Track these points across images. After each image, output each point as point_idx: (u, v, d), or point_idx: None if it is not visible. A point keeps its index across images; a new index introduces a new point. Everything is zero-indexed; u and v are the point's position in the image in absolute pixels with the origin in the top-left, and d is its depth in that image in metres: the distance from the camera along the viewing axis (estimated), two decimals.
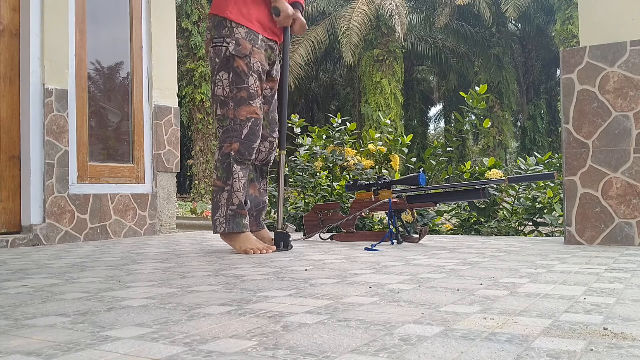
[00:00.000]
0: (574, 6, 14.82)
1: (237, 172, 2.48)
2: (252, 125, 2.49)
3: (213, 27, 2.54)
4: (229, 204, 2.47)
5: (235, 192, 2.47)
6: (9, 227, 3.14)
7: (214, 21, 2.54)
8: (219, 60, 2.50)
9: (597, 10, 2.63)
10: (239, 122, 2.48)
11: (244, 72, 2.48)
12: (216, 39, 2.51)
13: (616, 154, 2.53)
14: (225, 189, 2.48)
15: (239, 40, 2.49)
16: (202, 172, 15.50)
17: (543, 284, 1.48)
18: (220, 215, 2.47)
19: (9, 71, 3.17)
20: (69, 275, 1.81)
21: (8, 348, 0.91)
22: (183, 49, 14.86)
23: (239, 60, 2.48)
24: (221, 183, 2.49)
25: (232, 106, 2.49)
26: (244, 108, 2.48)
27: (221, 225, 2.47)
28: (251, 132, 2.49)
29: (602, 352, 0.84)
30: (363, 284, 1.51)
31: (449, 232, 3.92)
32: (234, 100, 2.49)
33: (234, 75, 2.48)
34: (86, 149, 3.48)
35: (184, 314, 1.16)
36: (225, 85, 2.50)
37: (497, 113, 18.23)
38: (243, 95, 2.48)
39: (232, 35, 2.49)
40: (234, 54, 2.48)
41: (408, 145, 4.29)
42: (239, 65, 2.48)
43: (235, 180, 2.48)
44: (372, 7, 16.73)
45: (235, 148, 2.47)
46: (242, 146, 2.48)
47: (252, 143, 2.51)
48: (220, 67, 2.50)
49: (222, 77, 2.51)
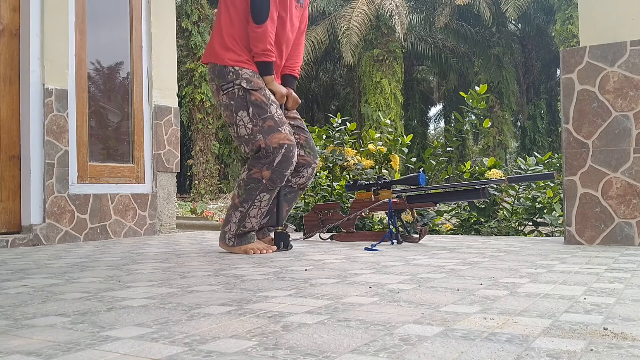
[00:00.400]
0: (574, 6, 14.82)
1: (260, 200, 2.42)
2: (286, 152, 2.40)
3: (215, 76, 2.47)
4: (239, 225, 2.44)
5: (250, 218, 2.43)
6: (9, 227, 3.14)
7: (215, 70, 2.47)
8: (235, 102, 2.42)
9: (597, 10, 2.63)
10: (272, 150, 2.39)
11: (264, 102, 2.41)
12: (224, 85, 2.44)
13: (616, 154, 2.53)
14: (239, 210, 2.44)
15: (249, 78, 2.43)
16: (202, 172, 15.49)
17: (543, 284, 1.48)
18: (230, 230, 2.46)
19: (9, 71, 3.17)
20: (69, 275, 1.81)
21: (8, 348, 0.91)
22: (183, 49, 14.85)
23: (255, 93, 2.41)
24: (238, 202, 2.44)
25: (261, 138, 2.39)
26: (274, 136, 2.39)
27: (230, 240, 2.46)
28: (284, 160, 2.40)
29: (602, 352, 0.84)
30: (363, 284, 1.51)
31: (449, 232, 3.92)
32: (261, 132, 2.39)
33: (254, 109, 2.40)
34: (86, 149, 3.48)
35: (184, 314, 1.16)
36: (247, 123, 2.41)
37: (497, 113, 18.23)
38: (270, 124, 2.40)
39: (239, 77, 2.42)
40: (248, 89, 2.41)
41: (408, 145, 4.29)
42: (257, 98, 2.41)
43: (254, 207, 2.42)
44: (372, 7, 16.73)
45: (266, 176, 2.40)
46: (274, 174, 2.40)
47: (285, 170, 2.42)
48: (238, 108, 2.42)
49: (242, 116, 2.41)
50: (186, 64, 14.93)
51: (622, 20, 2.57)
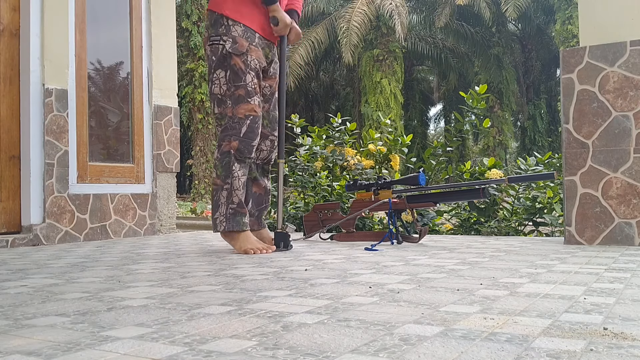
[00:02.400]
0: (574, 6, 14.82)
1: (236, 170, 2.47)
2: (251, 123, 2.48)
3: (210, 24, 2.54)
4: (228, 202, 2.46)
5: (235, 191, 2.47)
6: (9, 227, 3.14)
7: (211, 18, 2.54)
8: (216, 59, 2.49)
9: (597, 10, 2.63)
10: (238, 120, 2.47)
11: (241, 69, 2.47)
12: (213, 36, 2.50)
13: (616, 154, 2.53)
14: (224, 188, 2.47)
15: (236, 38, 2.48)
16: (202, 172, 15.49)
17: (543, 284, 1.48)
18: (220, 214, 2.47)
19: (9, 71, 3.17)
20: (69, 275, 1.81)
21: (8, 348, 0.91)
22: (183, 49, 14.85)
23: (236, 58, 2.47)
24: (221, 182, 2.48)
25: (230, 104, 2.48)
26: (242, 106, 2.47)
27: (221, 224, 2.46)
28: (250, 130, 2.48)
29: (602, 352, 0.84)
30: (363, 284, 1.51)
31: (449, 232, 3.92)
32: (231, 98, 2.48)
33: (231, 74, 2.47)
34: (86, 149, 3.48)
35: (184, 314, 1.16)
36: (222, 84, 2.49)
37: (497, 113, 18.23)
38: (241, 93, 2.47)
39: (228, 33, 2.48)
40: (230, 52, 2.47)
41: (408, 145, 4.29)
42: (235, 63, 2.47)
43: (235, 178, 2.47)
44: (372, 7, 16.73)
45: (234, 146, 2.46)
46: (241, 144, 2.47)
47: (252, 141, 2.49)
48: (217, 65, 2.49)
49: (219, 75, 2.50)
50: (186, 64, 14.93)
51: (622, 21, 2.57)
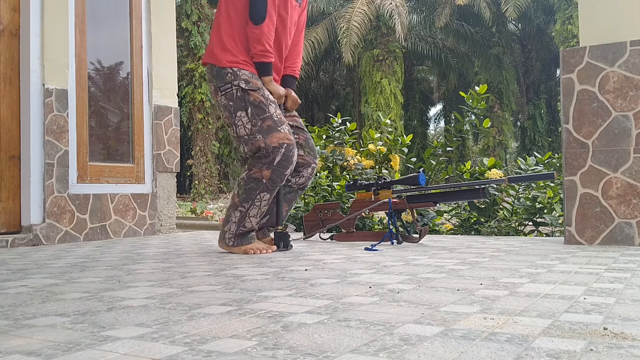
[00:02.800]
0: (574, 6, 14.82)
1: (261, 200, 2.41)
2: (285, 152, 2.39)
3: (213, 77, 2.46)
4: (239, 225, 2.43)
5: (250, 217, 2.43)
6: (9, 227, 3.14)
7: (213, 71, 2.47)
8: (233, 103, 2.41)
9: (597, 10, 2.63)
10: (272, 150, 2.38)
11: (263, 102, 2.41)
12: (223, 86, 2.43)
13: (616, 154, 2.53)
14: (239, 209, 2.43)
15: (247, 78, 2.42)
16: (202, 172, 15.48)
17: (543, 284, 1.48)
18: (229, 230, 2.45)
19: (9, 71, 3.17)
20: (69, 275, 1.81)
21: (8, 348, 0.91)
22: (183, 49, 14.85)
23: (254, 93, 2.40)
24: (238, 202, 2.43)
25: (260, 137, 2.38)
26: (274, 135, 2.38)
27: (230, 240, 2.45)
28: (284, 159, 2.39)
29: (602, 352, 0.84)
30: (363, 284, 1.51)
31: (449, 232, 3.92)
32: (260, 132, 2.39)
33: (252, 109, 2.39)
34: (86, 149, 3.48)
35: (184, 314, 1.16)
36: (246, 123, 2.40)
37: (497, 113, 18.23)
38: (269, 124, 2.39)
39: (237, 77, 2.42)
40: (247, 89, 2.40)
41: (408, 145, 4.29)
42: (255, 98, 2.40)
43: (254, 207, 2.41)
44: (372, 7, 16.73)
45: (266, 176, 2.39)
46: (274, 174, 2.39)
47: (285, 169, 2.41)
48: (237, 108, 2.41)
49: (241, 117, 2.40)
50: (186, 64, 14.93)
51: (622, 20, 2.57)
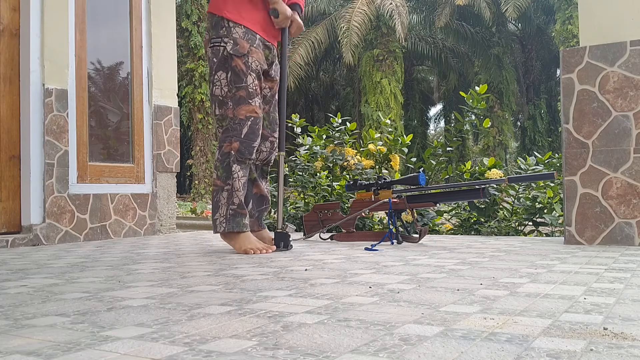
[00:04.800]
0: (574, 6, 14.82)
1: (237, 171, 2.47)
2: (252, 124, 2.49)
3: (211, 27, 2.54)
4: (229, 203, 2.46)
5: (235, 192, 2.47)
6: (9, 227, 3.14)
7: (212, 21, 2.54)
8: (217, 60, 2.50)
9: (597, 10, 2.63)
10: (239, 122, 2.47)
11: (242, 71, 2.48)
12: (214, 39, 2.51)
13: (616, 154, 2.53)
14: (225, 189, 2.48)
15: (237, 39, 2.48)
16: (202, 172, 15.49)
17: (543, 284, 1.48)
18: (220, 215, 2.47)
19: (9, 71, 3.17)
20: (69, 275, 1.81)
21: (8, 348, 0.91)
22: (183, 49, 14.85)
23: (237, 59, 2.47)
24: (221, 183, 2.48)
25: (231, 105, 2.48)
26: (243, 107, 2.47)
27: (221, 225, 2.46)
28: (251, 132, 2.49)
29: (602, 352, 0.84)
30: (363, 284, 1.51)
31: (449, 232, 3.92)
32: (232, 99, 2.48)
33: (232, 75, 2.48)
34: (86, 149, 3.48)
35: (184, 314, 1.16)
36: (223, 85, 2.49)
37: (497, 113, 18.23)
38: (242, 94, 2.48)
39: (229, 34, 2.48)
40: (232, 54, 2.47)
41: (408, 145, 4.29)
42: (237, 65, 2.47)
43: (235, 180, 2.47)
44: (372, 7, 16.73)
45: (235, 147, 2.47)
46: (242, 145, 2.47)
47: (252, 142, 2.50)
48: (219, 67, 2.50)
49: (220, 77, 2.50)
50: (186, 64, 14.92)
51: (622, 20, 2.57)
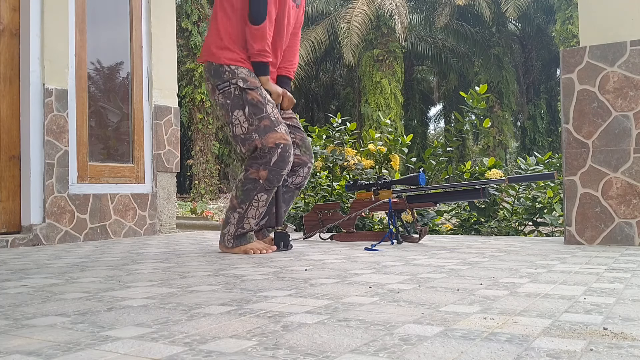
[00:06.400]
0: (574, 6, 14.82)
1: (258, 200, 2.41)
2: (282, 152, 2.39)
3: (211, 75, 2.47)
4: (238, 226, 2.43)
5: (248, 218, 2.43)
6: (9, 227, 3.14)
7: (210, 69, 2.47)
8: (231, 101, 2.42)
9: (597, 10, 2.63)
10: (269, 150, 2.38)
11: (260, 102, 2.41)
12: (220, 85, 2.43)
13: (616, 154, 2.53)
14: (237, 211, 2.43)
15: (245, 77, 2.42)
16: (202, 172, 15.49)
17: (543, 284, 1.48)
18: (228, 232, 2.45)
19: (9, 71, 3.17)
20: (69, 275, 1.81)
21: (8, 348, 0.91)
22: (183, 49, 14.85)
23: (252, 92, 2.41)
24: (237, 204, 2.44)
25: (257, 137, 2.39)
26: (270, 135, 2.38)
27: (229, 242, 2.45)
28: (281, 159, 2.40)
29: (602, 352, 0.84)
30: (363, 284, 1.51)
31: (449, 232, 3.92)
32: (257, 131, 2.39)
33: (250, 108, 2.39)
34: (86, 149, 3.48)
35: (184, 314, 1.16)
36: (242, 122, 2.40)
37: (497, 113, 18.22)
38: (266, 123, 2.39)
39: (235, 75, 2.42)
40: (244, 88, 2.40)
41: (408, 145, 4.29)
42: (253, 97, 2.40)
43: (252, 208, 2.41)
44: (372, 7, 16.72)
45: (263, 176, 2.39)
46: (271, 174, 2.39)
47: (282, 170, 2.42)
48: (234, 107, 2.41)
49: (238, 115, 2.40)
50: (186, 64, 14.93)
51: (622, 20, 2.57)
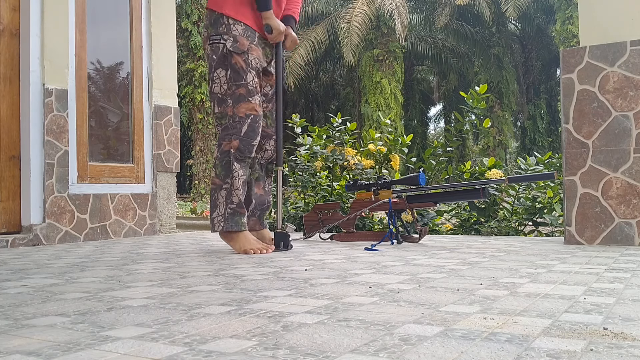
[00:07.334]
0: (574, 6, 14.82)
1: (236, 170, 2.45)
2: (252, 122, 2.47)
3: (210, 24, 2.53)
4: (227, 202, 2.45)
5: (234, 191, 2.45)
6: (9, 227, 3.14)
7: (211, 18, 2.53)
8: (217, 58, 2.48)
9: (597, 11, 2.63)
10: (238, 119, 2.45)
11: (242, 68, 2.46)
12: (213, 36, 2.49)
13: (616, 154, 2.53)
14: (223, 187, 2.46)
15: (237, 37, 2.47)
16: (202, 172, 15.49)
17: (543, 284, 1.48)
18: (218, 213, 2.45)
19: (9, 71, 3.17)
20: (69, 275, 1.81)
21: (8, 348, 0.91)
22: (183, 49, 14.85)
23: (237, 56, 2.46)
24: (220, 181, 2.47)
25: (231, 103, 2.47)
26: (242, 105, 2.46)
27: (219, 224, 2.44)
28: (251, 129, 2.47)
29: (602, 352, 0.84)
30: (363, 284, 1.51)
31: (449, 232, 3.92)
32: (232, 97, 2.47)
33: (231, 72, 2.46)
34: (86, 149, 3.48)
35: (184, 314, 1.16)
36: (223, 83, 2.48)
37: (497, 113, 18.23)
38: (242, 92, 2.46)
39: (229, 32, 2.47)
40: (231, 51, 2.46)
41: (408, 145, 4.29)
42: (236, 62, 2.46)
43: (234, 178, 2.45)
44: (372, 7, 16.73)
45: (234, 146, 2.45)
46: (241, 143, 2.45)
47: (252, 140, 2.48)
48: (218, 64, 2.48)
49: (219, 75, 2.48)
50: (186, 64, 14.93)
51: (622, 20, 2.57)
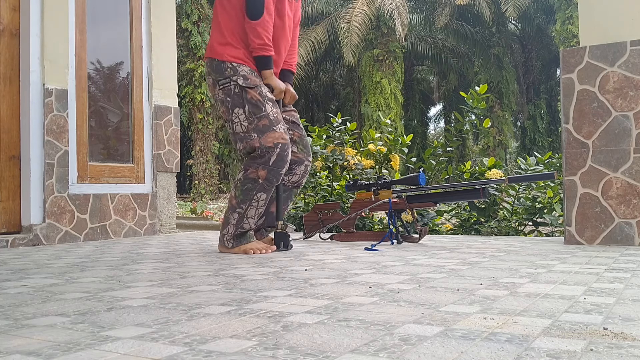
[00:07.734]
0: (574, 6, 14.82)
1: (257, 200, 2.42)
2: (281, 152, 2.41)
3: (212, 70, 2.48)
4: (238, 226, 2.44)
5: (248, 218, 2.44)
6: (9, 227, 3.14)
7: (212, 65, 2.48)
8: (231, 99, 2.43)
9: (597, 10, 2.63)
10: (267, 150, 2.39)
11: (260, 100, 2.42)
12: (221, 80, 2.45)
13: (616, 154, 2.53)
14: (237, 211, 2.44)
15: (246, 75, 2.44)
16: (202, 172, 15.49)
17: (543, 284, 1.48)
18: (227, 232, 2.46)
19: (9, 71, 3.17)
20: (69, 275, 1.81)
21: (8, 348, 0.91)
22: (183, 49, 14.85)
23: (251, 91, 2.42)
24: (236, 203, 2.44)
25: (256, 136, 2.41)
26: (269, 135, 2.40)
27: (229, 242, 2.46)
28: (280, 159, 2.41)
29: (602, 352, 0.84)
30: (363, 284, 1.51)
31: (449, 232, 3.92)
32: (256, 130, 2.41)
33: (250, 107, 2.41)
34: (86, 149, 3.48)
35: (184, 314, 1.16)
36: (242, 121, 2.42)
37: (497, 113, 18.22)
38: (265, 122, 2.41)
39: (237, 73, 2.43)
40: (244, 87, 2.42)
41: (408, 145, 4.29)
42: (252, 96, 2.42)
43: (252, 207, 2.43)
44: (372, 7, 16.72)
45: (262, 176, 2.40)
46: (269, 173, 2.41)
47: (281, 169, 2.44)
48: (234, 105, 2.43)
49: (238, 114, 2.42)
50: (186, 64, 14.93)
51: (622, 20, 2.57)
